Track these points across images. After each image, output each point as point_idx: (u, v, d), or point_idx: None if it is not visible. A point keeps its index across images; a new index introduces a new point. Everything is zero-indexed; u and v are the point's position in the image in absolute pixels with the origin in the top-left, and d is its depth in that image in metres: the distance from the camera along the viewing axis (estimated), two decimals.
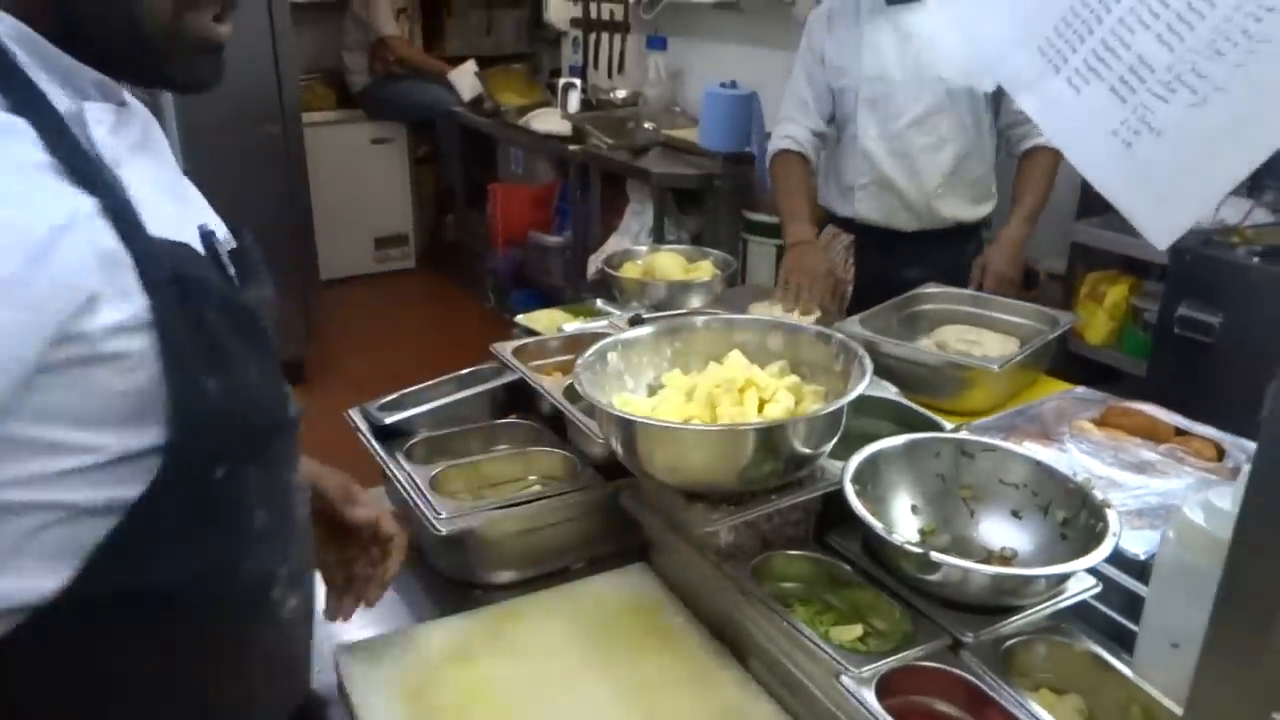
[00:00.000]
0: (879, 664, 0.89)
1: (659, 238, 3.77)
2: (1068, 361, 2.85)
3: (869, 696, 0.86)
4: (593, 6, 4.89)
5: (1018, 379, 1.77)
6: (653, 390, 1.19)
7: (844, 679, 0.87)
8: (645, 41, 4.57)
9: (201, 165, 2.07)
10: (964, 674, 0.89)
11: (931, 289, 2.05)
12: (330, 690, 1.04)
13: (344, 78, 5.22)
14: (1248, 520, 0.59)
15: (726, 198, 3.76)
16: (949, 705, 0.89)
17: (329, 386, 4.06)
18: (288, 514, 0.86)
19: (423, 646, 1.05)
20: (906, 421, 1.36)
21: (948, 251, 2.37)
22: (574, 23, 5.12)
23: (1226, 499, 0.86)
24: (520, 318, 1.95)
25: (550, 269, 4.68)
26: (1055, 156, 2.29)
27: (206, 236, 0.81)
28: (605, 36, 4.90)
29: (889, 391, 1.50)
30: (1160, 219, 0.55)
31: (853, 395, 1.03)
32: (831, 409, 1.02)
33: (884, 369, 1.65)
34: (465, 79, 4.97)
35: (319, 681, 1.06)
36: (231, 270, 0.83)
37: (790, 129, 2.43)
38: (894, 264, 2.39)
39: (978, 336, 1.89)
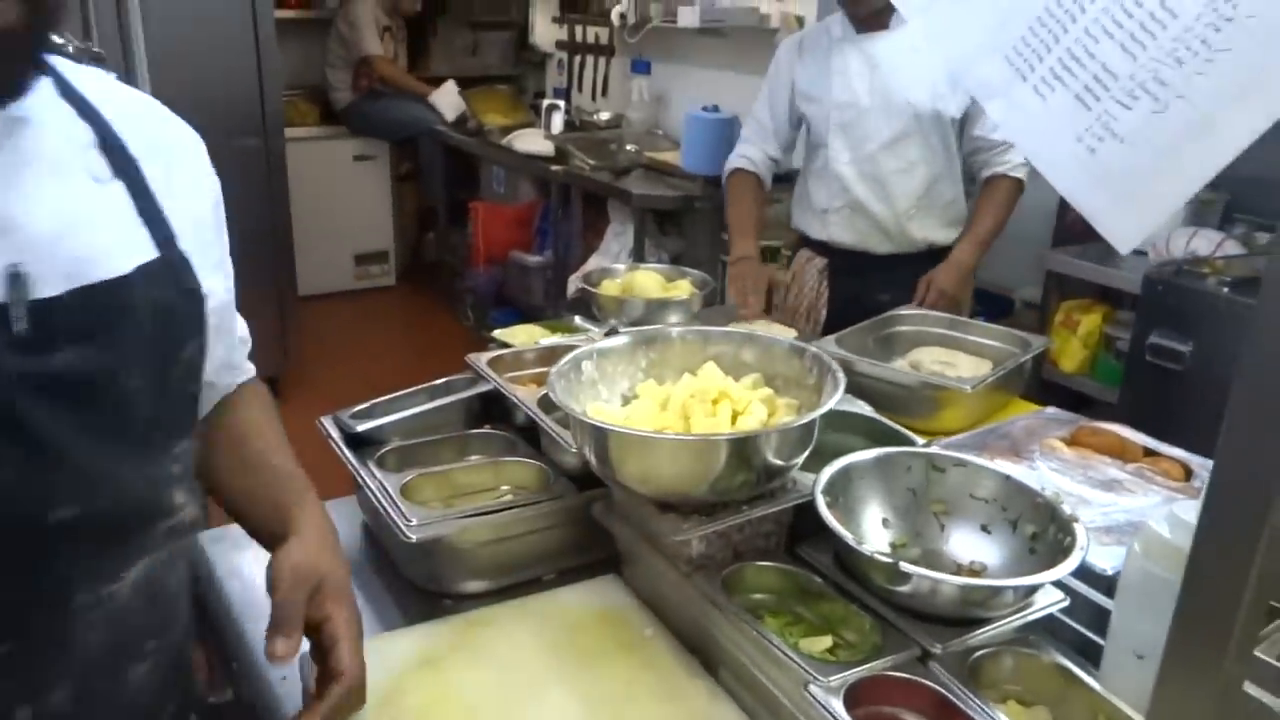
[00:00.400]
0: (847, 674, 0.89)
1: (639, 258, 3.79)
2: (1042, 388, 2.88)
3: (837, 706, 0.85)
4: (578, 30, 4.93)
5: (991, 400, 1.79)
6: (627, 400, 1.19)
7: (812, 688, 0.87)
8: (630, 65, 4.62)
9: None
10: (932, 684, 0.89)
11: (907, 311, 2.07)
12: (296, 699, 1.03)
13: (327, 94, 5.23)
14: (1206, 531, 0.60)
15: (706, 219, 3.79)
16: (917, 716, 0.89)
17: (306, 402, 4.03)
18: (56, 641, 0.71)
19: (389, 654, 1.04)
20: (879, 437, 1.36)
21: (920, 274, 2.41)
22: (559, 45, 5.16)
23: (1191, 513, 0.86)
24: (498, 332, 1.96)
25: (531, 288, 4.69)
26: (1015, 186, 2.33)
27: (12, 279, 0.67)
28: (590, 59, 4.94)
29: (864, 409, 1.51)
30: (1122, 223, 0.56)
31: (825, 408, 1.04)
32: (804, 421, 1.03)
33: (859, 388, 1.66)
34: (447, 99, 4.99)
35: (284, 689, 1.05)
36: (21, 326, 0.67)
37: (747, 150, 2.51)
38: (867, 286, 2.43)
39: (951, 358, 1.91)
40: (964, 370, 1.84)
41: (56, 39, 1.89)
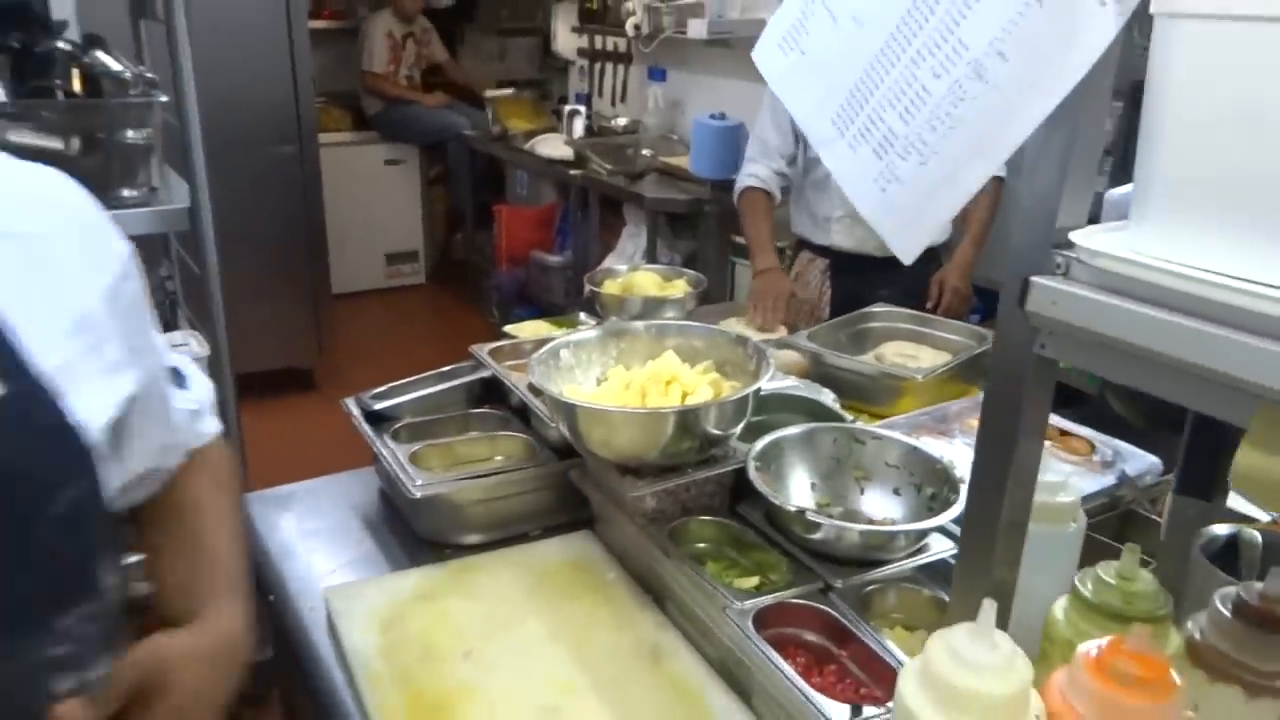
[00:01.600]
0: (758, 600, 1.09)
1: (651, 259, 3.99)
2: None
3: (748, 624, 1.06)
4: (598, 39, 5.14)
5: (946, 389, 1.97)
6: (599, 383, 1.40)
7: (728, 610, 1.08)
8: (646, 72, 4.82)
9: (221, 183, 2.29)
10: (827, 609, 1.09)
11: (878, 309, 2.26)
12: (320, 625, 1.25)
13: (359, 101, 5.49)
14: (977, 469, 0.80)
15: (715, 222, 3.98)
16: (816, 636, 1.10)
17: (339, 393, 4.26)
18: None
19: (396, 589, 1.26)
20: (827, 419, 1.56)
21: (914, 273, 2.59)
22: (580, 53, 5.38)
23: None
24: (508, 328, 2.18)
25: (551, 287, 4.91)
26: (998, 184, 2.52)
27: None
28: (609, 66, 5.15)
29: (826, 397, 1.70)
30: (904, 243, 0.77)
31: (755, 387, 1.24)
32: (736, 397, 1.23)
33: (827, 378, 1.86)
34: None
35: (309, 618, 1.28)
36: None
37: (754, 168, 2.67)
38: (867, 285, 2.61)
39: (916, 351, 2.10)
40: (925, 362, 2.03)
41: (113, 64, 2.13)
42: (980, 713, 0.62)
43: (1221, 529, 0.97)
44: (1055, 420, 1.59)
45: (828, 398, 1.69)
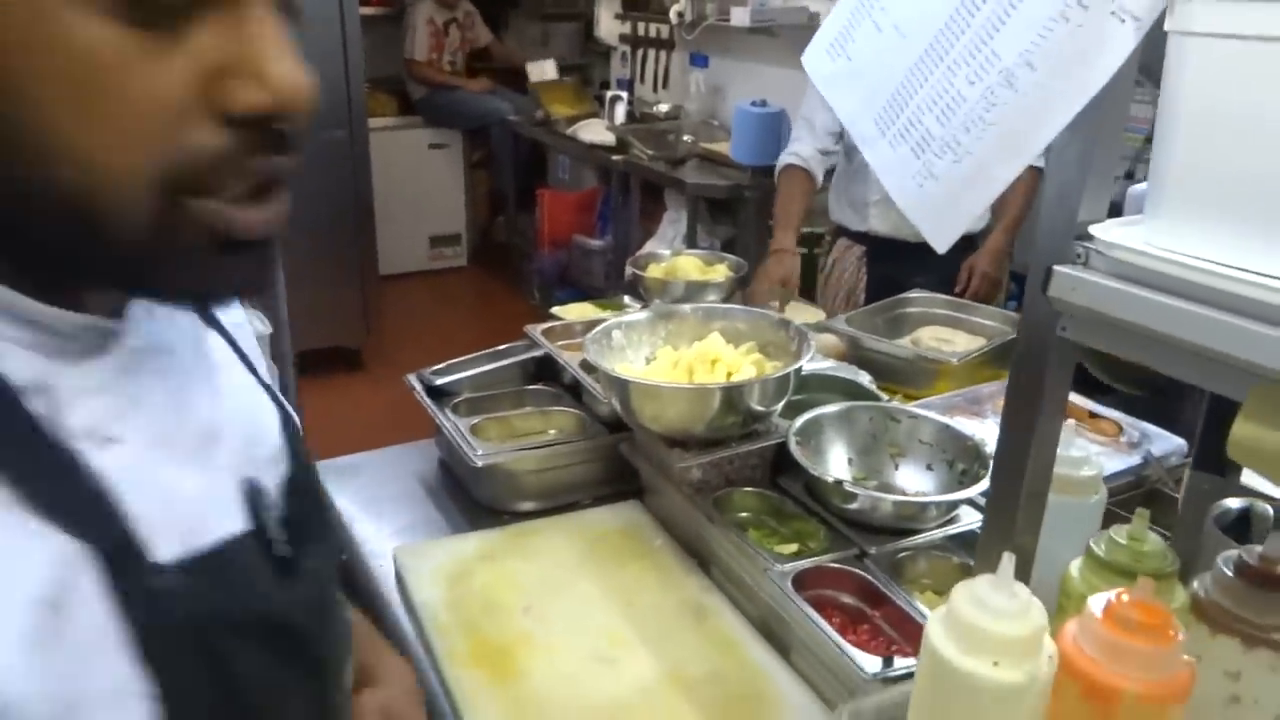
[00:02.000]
0: (797, 563, 1.18)
1: (691, 244, 4.07)
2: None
3: (788, 585, 1.14)
4: (640, 25, 5.21)
5: (980, 373, 2.03)
6: (648, 362, 1.49)
7: (770, 572, 1.16)
8: (689, 59, 4.88)
9: None
10: (861, 573, 1.17)
11: (915, 294, 2.32)
12: (389, 581, 1.35)
13: (404, 86, 5.60)
14: (1002, 444, 0.87)
15: (754, 208, 4.05)
16: (851, 598, 1.18)
17: (386, 371, 4.42)
18: None
19: (459, 550, 1.36)
20: (864, 398, 1.64)
21: (949, 259, 2.65)
22: (622, 39, 5.45)
23: None
24: (555, 309, 2.27)
25: (592, 270, 5.00)
26: (1035, 174, 2.57)
27: (253, 496, 0.59)
28: (652, 53, 5.21)
29: (863, 378, 1.78)
30: (939, 234, 0.84)
31: (796, 366, 1.32)
32: (778, 375, 1.31)
33: (865, 361, 1.93)
34: (540, 67, 5.33)
35: (379, 574, 1.38)
36: (284, 548, 0.59)
37: (797, 147, 2.74)
38: (903, 271, 2.66)
39: (951, 336, 2.16)
40: (960, 346, 2.09)
41: None
42: (998, 652, 0.70)
43: (1234, 502, 1.03)
44: (1085, 403, 1.65)
45: (865, 379, 1.77)
